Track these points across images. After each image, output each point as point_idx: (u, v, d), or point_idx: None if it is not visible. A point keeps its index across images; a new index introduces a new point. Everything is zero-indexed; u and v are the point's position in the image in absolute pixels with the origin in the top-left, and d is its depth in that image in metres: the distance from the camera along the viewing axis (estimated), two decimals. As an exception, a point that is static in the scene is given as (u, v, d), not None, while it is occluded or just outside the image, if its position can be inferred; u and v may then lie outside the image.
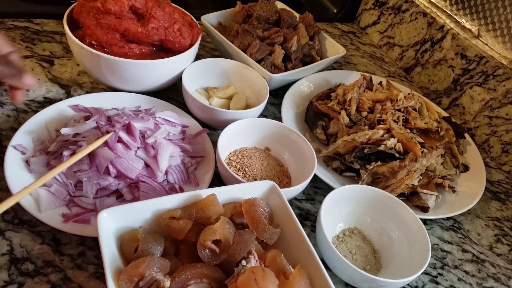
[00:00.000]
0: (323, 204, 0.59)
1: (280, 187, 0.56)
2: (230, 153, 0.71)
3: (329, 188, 0.66)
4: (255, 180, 0.66)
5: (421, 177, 0.71)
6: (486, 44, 0.95)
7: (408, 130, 0.75)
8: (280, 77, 0.83)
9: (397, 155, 0.71)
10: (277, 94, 0.90)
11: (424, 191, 0.70)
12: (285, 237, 0.53)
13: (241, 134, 0.71)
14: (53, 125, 0.65)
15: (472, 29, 0.98)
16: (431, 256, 0.68)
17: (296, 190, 0.63)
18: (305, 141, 0.70)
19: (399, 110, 0.78)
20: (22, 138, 0.62)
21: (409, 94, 0.82)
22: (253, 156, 0.70)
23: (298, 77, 0.89)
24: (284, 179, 0.69)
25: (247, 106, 0.80)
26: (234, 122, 0.69)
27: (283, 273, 0.47)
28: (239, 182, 0.60)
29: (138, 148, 0.61)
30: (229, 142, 0.69)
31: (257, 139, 0.73)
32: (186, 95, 0.74)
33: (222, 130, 0.67)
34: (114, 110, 0.67)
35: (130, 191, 0.59)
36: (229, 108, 0.79)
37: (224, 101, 0.80)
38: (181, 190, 0.62)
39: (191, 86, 0.78)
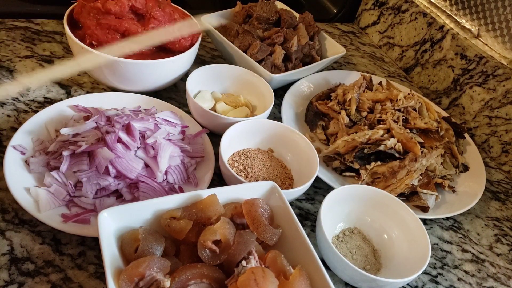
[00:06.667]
0: (323, 204, 0.59)
1: (282, 189, 0.56)
2: (233, 154, 0.70)
3: (329, 188, 0.66)
4: (257, 181, 0.66)
5: (421, 177, 0.72)
6: (486, 44, 0.95)
7: (408, 130, 0.75)
8: (281, 77, 0.83)
9: (397, 155, 0.71)
10: (277, 94, 0.90)
11: (424, 191, 0.70)
12: (286, 237, 0.53)
13: (245, 135, 0.70)
14: (53, 125, 0.65)
15: (472, 29, 0.98)
16: (431, 256, 0.67)
17: (297, 192, 0.62)
18: (308, 143, 0.70)
19: (399, 110, 0.78)
20: (22, 138, 0.62)
21: (409, 94, 0.82)
22: (256, 157, 0.70)
23: (298, 77, 0.89)
24: (287, 181, 0.69)
25: (252, 114, 0.79)
26: (238, 123, 0.68)
27: (283, 273, 0.47)
28: (241, 182, 0.60)
29: (137, 148, 0.61)
30: (232, 143, 0.69)
31: (260, 140, 0.73)
32: (189, 98, 0.73)
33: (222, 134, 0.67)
34: (114, 110, 0.67)
35: (130, 191, 0.59)
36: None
37: (230, 108, 0.79)
38: (181, 190, 0.62)
39: (194, 91, 0.78)
